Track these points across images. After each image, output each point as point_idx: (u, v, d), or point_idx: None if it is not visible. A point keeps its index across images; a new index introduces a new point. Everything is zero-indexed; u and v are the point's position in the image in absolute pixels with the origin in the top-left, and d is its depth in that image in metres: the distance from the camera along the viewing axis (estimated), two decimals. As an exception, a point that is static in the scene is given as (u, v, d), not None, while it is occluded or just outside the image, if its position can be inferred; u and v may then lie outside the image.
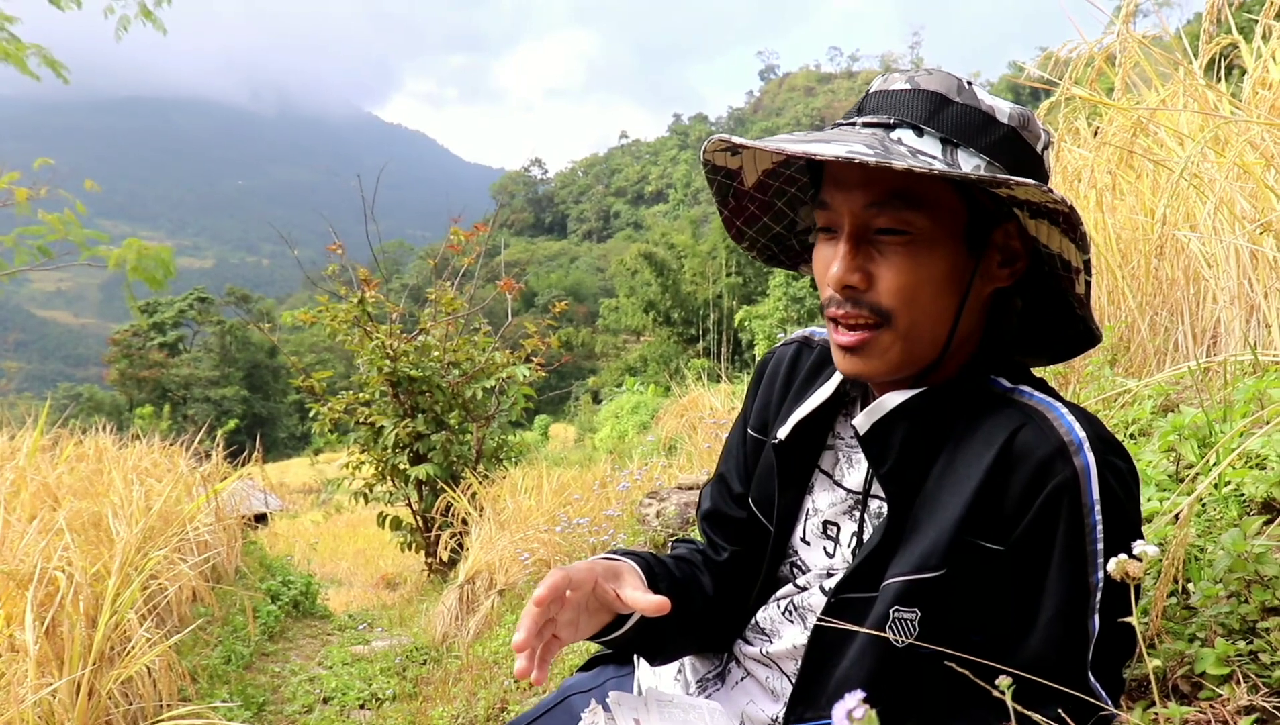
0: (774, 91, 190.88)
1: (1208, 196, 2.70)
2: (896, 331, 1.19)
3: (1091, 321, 1.25)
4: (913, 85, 1.19)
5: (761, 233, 1.44)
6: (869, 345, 1.20)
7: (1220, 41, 3.18)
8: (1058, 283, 1.24)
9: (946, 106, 1.17)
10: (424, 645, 5.96)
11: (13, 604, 3.38)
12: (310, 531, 18.14)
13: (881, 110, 1.19)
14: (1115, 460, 1.14)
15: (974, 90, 1.19)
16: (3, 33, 5.50)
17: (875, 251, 1.18)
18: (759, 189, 1.38)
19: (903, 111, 1.18)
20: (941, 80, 1.19)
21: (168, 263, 5.43)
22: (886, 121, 1.18)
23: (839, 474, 1.36)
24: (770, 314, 32.87)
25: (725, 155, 1.32)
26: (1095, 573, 1.11)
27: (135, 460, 7.14)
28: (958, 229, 1.18)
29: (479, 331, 9.73)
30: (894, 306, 1.18)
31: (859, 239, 1.19)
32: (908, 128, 1.17)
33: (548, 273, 77.66)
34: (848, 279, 1.18)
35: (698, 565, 1.48)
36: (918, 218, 1.16)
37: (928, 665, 1.15)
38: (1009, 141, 1.18)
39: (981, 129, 1.17)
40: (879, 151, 1.09)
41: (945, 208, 1.17)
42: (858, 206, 1.17)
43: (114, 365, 54.45)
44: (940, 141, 1.16)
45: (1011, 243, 1.22)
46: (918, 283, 1.17)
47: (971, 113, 1.17)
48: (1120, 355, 3.03)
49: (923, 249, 1.17)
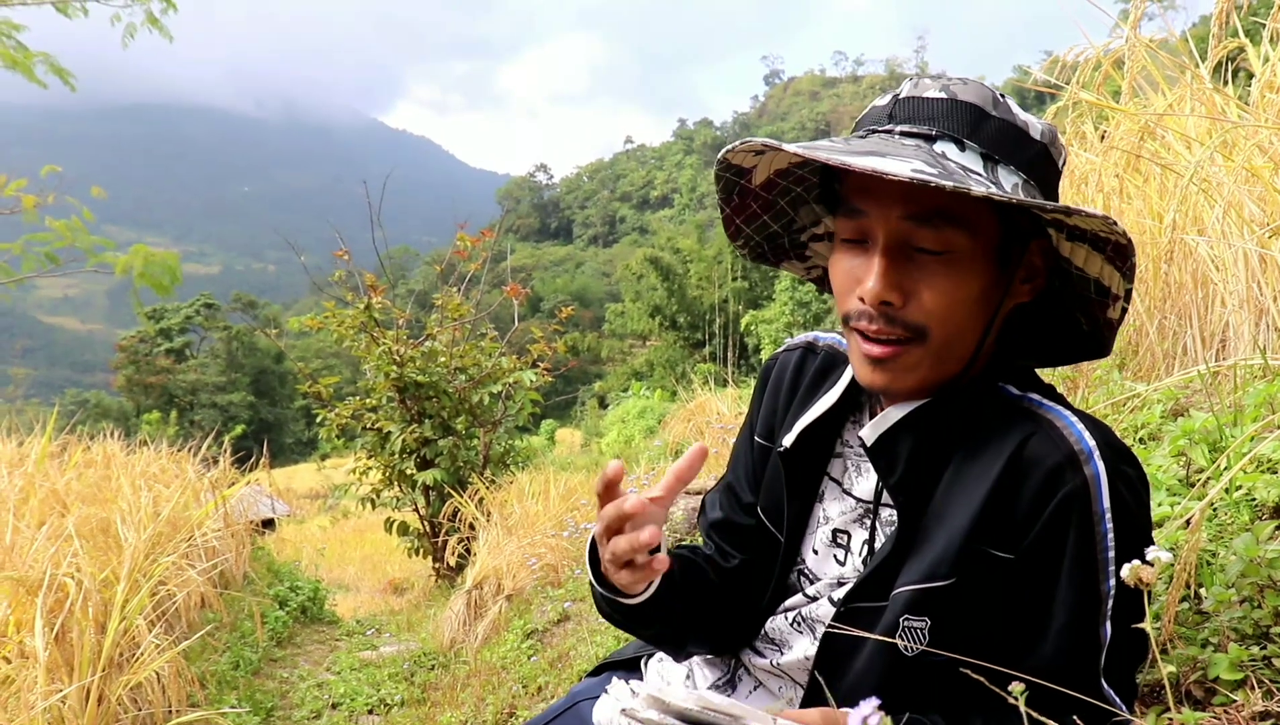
0: (779, 96, 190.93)
1: (1216, 200, 2.70)
2: (928, 348, 1.17)
3: (1111, 339, 1.24)
4: (949, 95, 1.16)
5: (758, 231, 1.42)
6: (898, 359, 1.18)
7: (1228, 45, 3.17)
8: (1085, 303, 1.23)
9: (985, 121, 1.15)
10: (432, 650, 5.95)
11: (23, 610, 3.39)
12: (317, 537, 18.17)
13: (918, 119, 1.16)
14: (1125, 468, 1.14)
15: (1008, 104, 1.17)
16: (10, 40, 5.51)
17: (913, 267, 1.15)
18: (765, 187, 1.35)
19: (943, 123, 1.15)
20: (977, 91, 1.17)
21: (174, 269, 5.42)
22: (928, 133, 1.15)
23: (848, 482, 1.35)
24: (776, 318, 32.89)
25: (746, 155, 1.28)
26: (1106, 580, 1.10)
27: (143, 466, 7.15)
28: (992, 247, 1.16)
29: (485, 337, 9.73)
30: (930, 324, 1.16)
31: (896, 255, 1.15)
32: (949, 141, 1.14)
33: (554, 278, 77.77)
34: (886, 295, 1.15)
35: (702, 566, 1.47)
36: (958, 236, 1.14)
37: (937, 674, 1.15)
38: (1041, 159, 1.18)
39: (1018, 145, 1.16)
40: (940, 172, 1.07)
41: (983, 225, 1.15)
42: (895, 218, 1.14)
43: (121, 371, 54.61)
44: (981, 157, 1.14)
45: (1034, 260, 1.21)
46: (956, 302, 1.16)
47: (1009, 128, 1.16)
48: (1129, 359, 3.02)
49: (961, 267, 1.15)
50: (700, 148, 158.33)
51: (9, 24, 5.54)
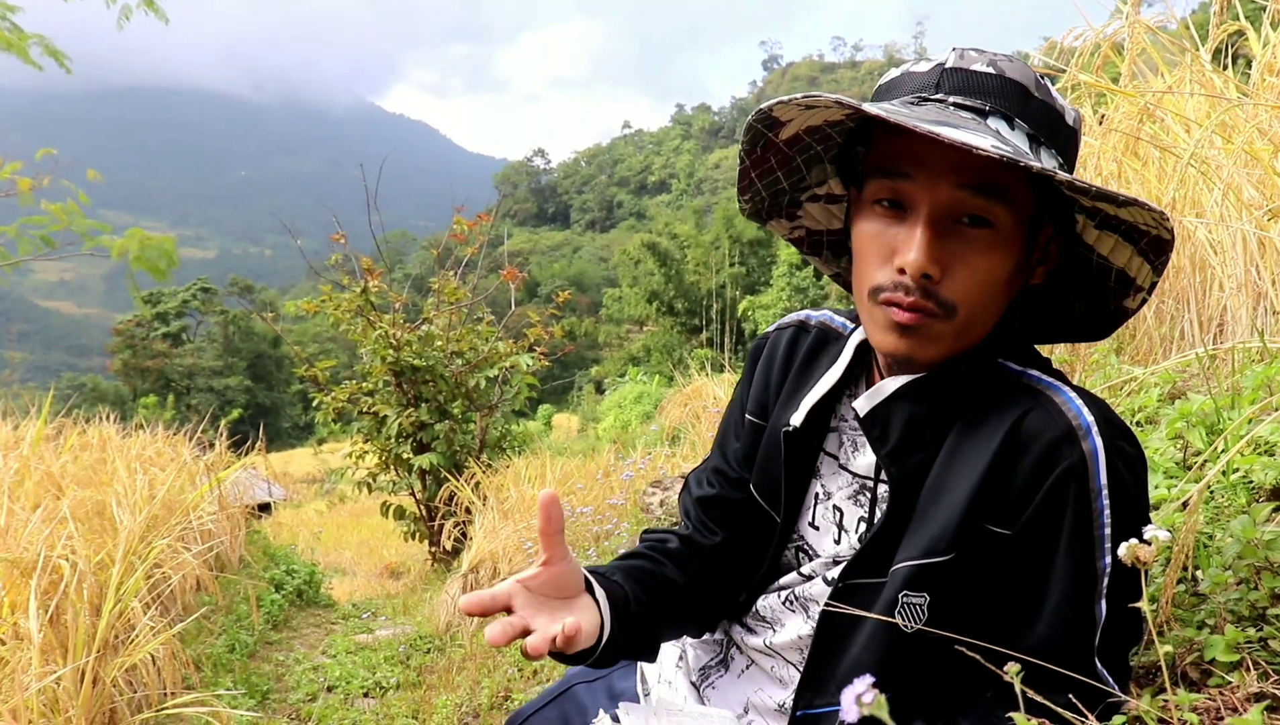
0: (777, 82, 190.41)
1: (1215, 183, 2.69)
2: (954, 324, 1.16)
3: (1118, 324, 1.24)
4: (997, 71, 1.14)
5: (768, 186, 1.37)
6: (924, 329, 1.15)
7: (1228, 28, 3.16)
8: (1094, 290, 1.23)
9: (1030, 100, 1.14)
10: (428, 634, 5.96)
11: (17, 592, 3.38)
12: (314, 521, 18.19)
13: (969, 92, 1.14)
14: (1123, 445, 1.13)
15: (1048, 86, 1.17)
16: (5, 22, 5.47)
17: (954, 241, 1.13)
18: (789, 143, 1.30)
19: (995, 99, 1.13)
20: (1022, 71, 1.15)
21: (171, 253, 5.40)
22: (981, 108, 1.13)
23: (844, 457, 1.34)
24: (773, 304, 32.90)
25: (794, 108, 1.22)
26: (1102, 558, 1.10)
27: (139, 449, 7.14)
28: (1025, 226, 1.16)
29: (482, 321, 9.71)
30: (961, 302, 1.14)
31: (942, 227, 1.13)
32: (1001, 118, 1.13)
33: (551, 263, 77.70)
34: (928, 268, 1.12)
35: (659, 560, 1.43)
36: (1003, 211, 1.12)
37: (935, 652, 1.15)
38: (1072, 143, 1.18)
39: (1057, 128, 1.16)
40: (1014, 150, 1.05)
41: (1022, 205, 1.14)
42: (944, 187, 1.12)
43: (117, 355, 54.52)
44: (1028, 136, 1.13)
45: (1050, 244, 1.21)
46: (988, 281, 1.15)
47: (1050, 110, 1.16)
48: (1126, 343, 3.02)
49: (999, 245, 1.14)
50: (698, 133, 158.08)
51: (4, 5, 5.50)
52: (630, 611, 1.31)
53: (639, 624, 1.33)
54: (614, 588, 1.32)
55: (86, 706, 3.12)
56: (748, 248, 41.62)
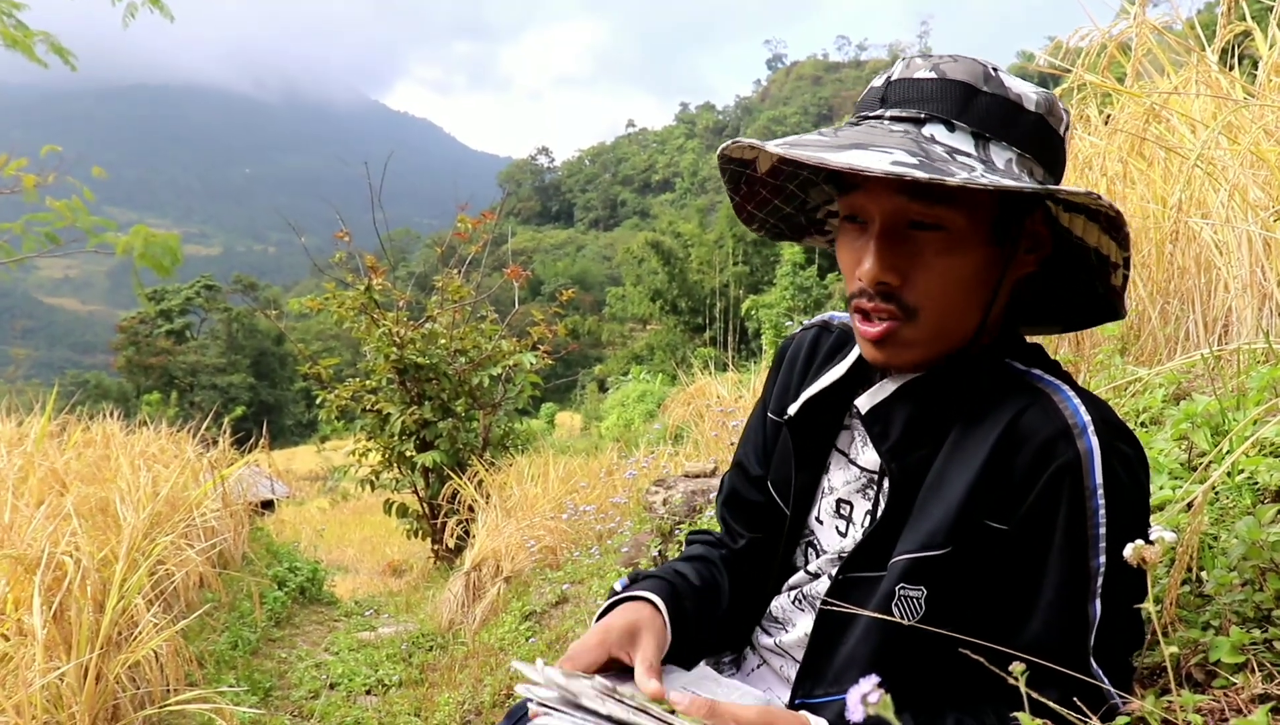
0: (781, 81, 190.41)
1: (1220, 184, 2.68)
2: (921, 327, 1.18)
3: (1121, 305, 1.23)
4: (938, 74, 1.15)
5: (771, 214, 1.43)
6: (894, 337, 1.19)
7: (1234, 29, 3.15)
8: (1088, 274, 1.23)
9: (975, 97, 1.14)
10: (430, 632, 5.96)
11: (21, 588, 3.39)
12: (317, 518, 18.19)
13: (908, 102, 1.16)
14: (1121, 445, 1.13)
15: (1000, 78, 1.16)
16: (10, 19, 5.48)
17: (908, 246, 1.16)
18: (772, 174, 1.36)
19: (932, 104, 1.14)
20: (968, 69, 1.15)
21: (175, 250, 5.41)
22: (916, 116, 1.14)
23: (854, 452, 1.36)
24: (777, 303, 32.87)
25: (743, 149, 1.29)
26: (1096, 557, 1.10)
27: (142, 446, 7.15)
28: (988, 223, 1.16)
29: (486, 319, 9.72)
30: (923, 305, 1.17)
31: (892, 235, 1.16)
32: (939, 123, 1.14)
33: (554, 261, 77.68)
34: (882, 276, 1.16)
35: (716, 565, 1.48)
36: (949, 214, 1.14)
37: (932, 649, 1.15)
38: (1037, 130, 1.17)
39: (1011, 119, 1.15)
40: (922, 159, 1.06)
41: (978, 203, 1.14)
42: (887, 199, 1.15)
43: (121, 352, 54.58)
44: (972, 136, 1.13)
45: (1038, 229, 1.20)
46: (950, 282, 1.16)
47: (1000, 103, 1.15)
48: (1131, 344, 3.01)
49: (954, 246, 1.15)
50: (702, 132, 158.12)
51: (10, 2, 5.51)
52: (685, 616, 1.36)
53: (690, 631, 1.36)
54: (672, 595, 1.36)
55: (90, 703, 3.12)
56: (751, 247, 41.63)
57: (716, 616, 1.43)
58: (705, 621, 1.39)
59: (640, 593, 1.34)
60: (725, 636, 1.47)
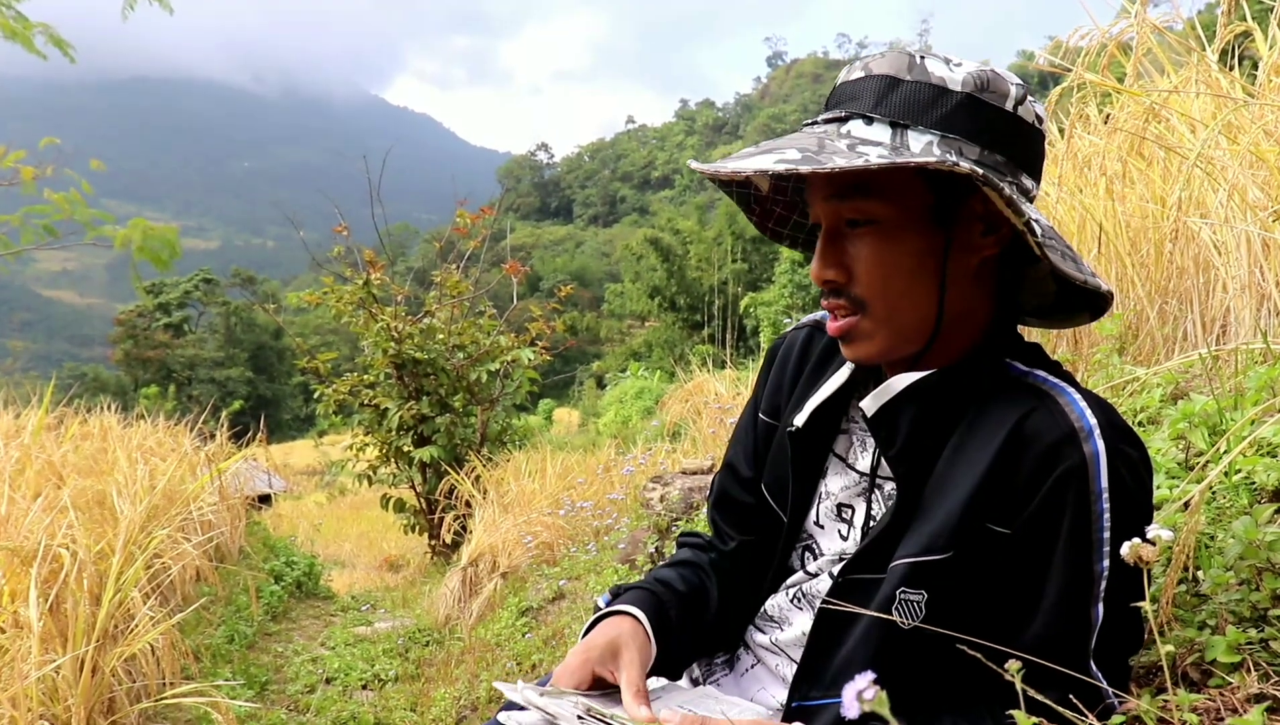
0: (781, 78, 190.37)
1: (1220, 184, 2.68)
2: (875, 318, 1.21)
3: (1075, 284, 1.20)
4: (865, 71, 1.19)
5: (795, 229, 1.45)
6: (852, 332, 1.23)
7: (1234, 29, 3.15)
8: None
9: (896, 88, 1.16)
10: (426, 627, 5.97)
11: (17, 581, 3.38)
12: (314, 513, 18.19)
13: (842, 102, 1.20)
14: (1127, 448, 1.13)
15: (925, 65, 1.16)
16: (9, 11, 5.46)
17: (847, 244, 1.20)
18: (778, 191, 1.40)
19: (854, 102, 1.18)
20: (892, 61, 1.17)
21: (173, 243, 5.39)
22: (839, 115, 1.18)
23: (851, 457, 1.35)
24: (775, 300, 32.84)
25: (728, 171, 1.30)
26: (1100, 561, 1.10)
27: (140, 439, 7.15)
28: (922, 209, 1.17)
29: (484, 315, 9.72)
30: (867, 296, 1.20)
31: (833, 234, 1.22)
32: (858, 118, 1.17)
33: (553, 257, 77.68)
34: (824, 274, 1.22)
35: (704, 569, 1.48)
36: (876, 206, 1.17)
37: (931, 650, 1.15)
38: (965, 109, 1.15)
39: (931, 104, 1.15)
40: (809, 153, 1.10)
41: (907, 192, 1.16)
42: (821, 202, 1.20)
43: (119, 345, 54.54)
44: (890, 126, 1.15)
45: (991, 208, 1.18)
46: (888, 270, 1.19)
47: (921, 89, 1.15)
48: (1129, 344, 3.01)
49: (889, 236, 1.18)
50: (702, 129, 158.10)
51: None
52: (670, 625, 1.37)
53: (675, 640, 1.38)
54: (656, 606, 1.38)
55: (86, 695, 3.12)
56: (750, 244, 41.60)
57: (704, 622, 1.42)
58: (691, 629, 1.40)
59: (622, 607, 1.34)
60: (715, 639, 1.46)
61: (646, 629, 1.31)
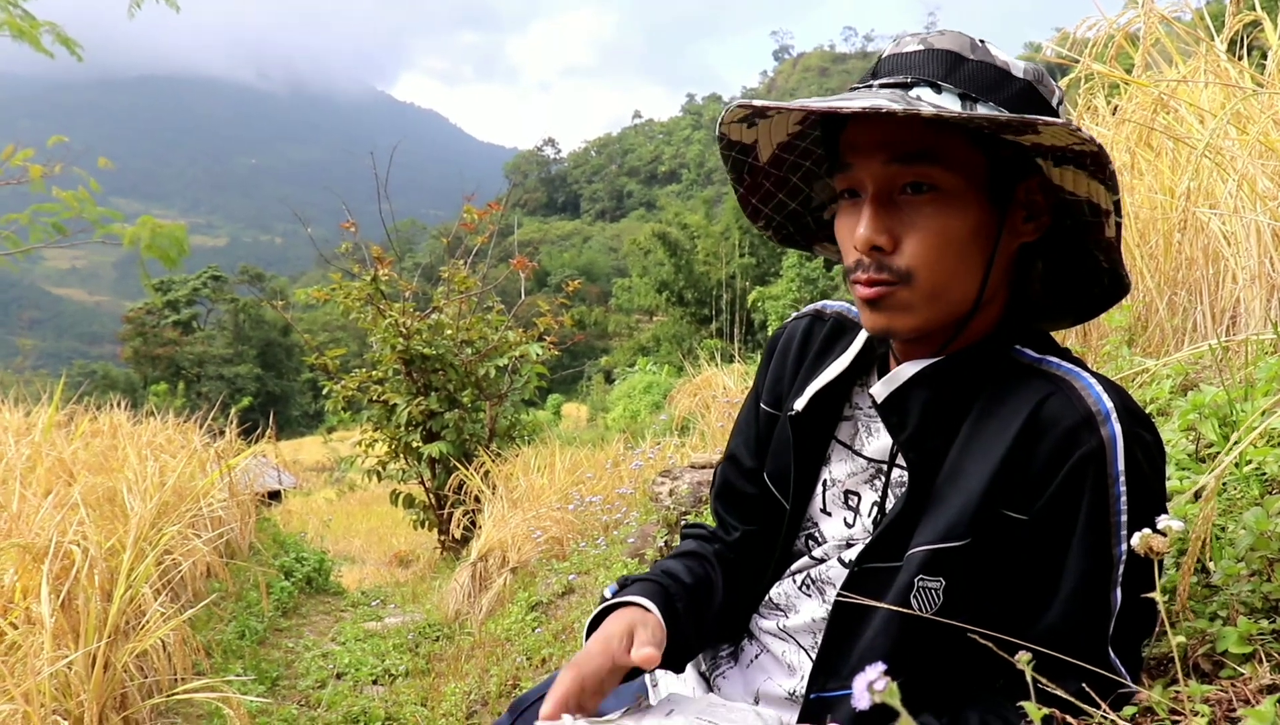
0: (788, 72, 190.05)
1: (1229, 174, 2.67)
2: (918, 290, 1.17)
3: (1121, 267, 1.23)
4: (926, 45, 1.18)
5: (777, 210, 1.42)
6: (888, 300, 1.18)
7: (1243, 18, 3.13)
8: (1085, 231, 1.22)
9: (962, 64, 1.16)
10: (437, 622, 5.98)
11: (29, 577, 3.40)
12: (323, 509, 18.23)
13: (897, 71, 1.18)
14: (1142, 432, 1.13)
15: (987, 48, 1.18)
16: (17, 9, 5.48)
17: (900, 211, 1.17)
18: (774, 164, 1.37)
19: (919, 70, 1.17)
20: (955, 39, 1.18)
21: (182, 241, 5.41)
22: (904, 81, 1.16)
23: (858, 444, 1.35)
24: (783, 295, 32.82)
25: (741, 128, 1.30)
26: (1119, 544, 1.10)
27: (149, 436, 7.18)
28: (981, 184, 1.17)
29: (492, 310, 9.72)
30: (915, 266, 1.16)
31: (883, 200, 1.17)
32: (925, 85, 1.15)
33: (561, 252, 77.66)
34: (875, 240, 1.16)
35: (709, 560, 1.47)
36: (940, 173, 1.14)
37: (950, 636, 1.15)
38: (1025, 96, 1.17)
39: (998, 84, 1.16)
40: (902, 105, 1.08)
41: (967, 163, 1.15)
42: (878, 165, 1.16)
43: (128, 343, 54.66)
44: (959, 96, 1.14)
45: (1035, 197, 1.20)
46: (943, 243, 1.16)
47: (987, 69, 1.16)
48: (1138, 335, 3.00)
49: (947, 207, 1.15)
50: (709, 123, 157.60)
51: (15, -8, 5.50)
52: (678, 617, 1.35)
53: (683, 631, 1.36)
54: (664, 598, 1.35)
55: (98, 691, 3.13)
56: (758, 238, 41.51)
57: (710, 613, 1.42)
58: (698, 620, 1.39)
59: (631, 598, 1.34)
60: (721, 629, 1.46)
61: (658, 618, 1.31)
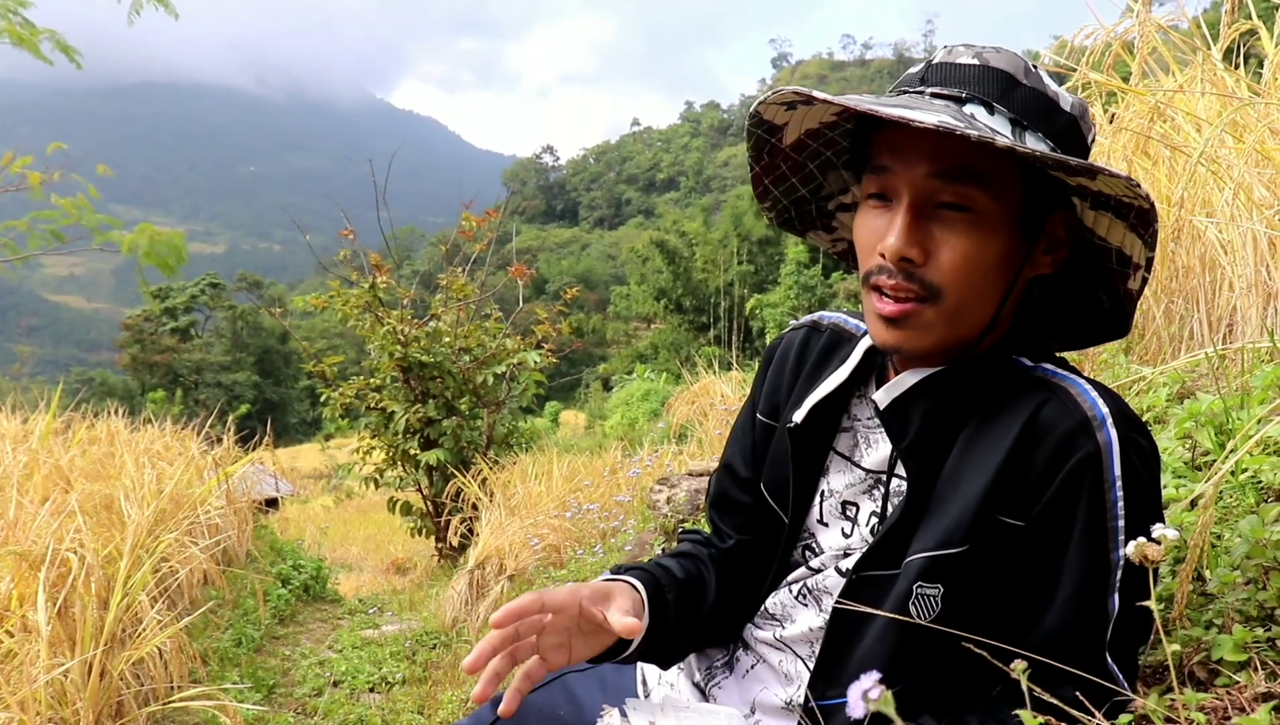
0: (786, 79, 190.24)
1: (1225, 182, 2.67)
2: (942, 309, 1.17)
3: (1130, 314, 1.24)
4: (981, 61, 1.17)
5: (786, 194, 1.41)
6: (912, 318, 1.17)
7: (1239, 27, 3.14)
8: (1107, 276, 1.23)
9: (1016, 87, 1.16)
10: (434, 630, 5.97)
11: (25, 585, 3.39)
12: (321, 516, 18.22)
13: (949, 83, 1.17)
14: (1138, 437, 1.13)
15: (1040, 74, 1.18)
16: (16, 17, 5.49)
17: (934, 226, 1.16)
18: (796, 148, 1.35)
19: (973, 87, 1.16)
20: (1009, 60, 1.17)
21: (180, 248, 5.42)
22: (957, 95, 1.15)
23: (857, 455, 1.35)
24: (781, 302, 32.87)
25: (779, 110, 1.28)
26: (1116, 550, 1.10)
27: (147, 444, 7.16)
28: (1015, 213, 1.16)
29: (490, 317, 9.74)
30: (946, 284, 1.16)
31: (919, 210, 1.16)
32: (979, 104, 1.15)
33: (559, 260, 77.72)
34: (906, 251, 1.15)
35: (703, 562, 1.47)
36: (981, 196, 1.14)
37: (949, 643, 1.15)
38: (1070, 130, 1.18)
39: (1047, 114, 1.16)
40: (967, 126, 1.07)
41: (1007, 189, 1.15)
42: (920, 176, 1.15)
43: (126, 350, 54.69)
44: (1010, 122, 1.14)
45: (1058, 231, 1.21)
46: (974, 264, 1.15)
47: (1039, 97, 1.16)
48: (1135, 343, 3.01)
49: (982, 229, 1.15)
50: (707, 130, 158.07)
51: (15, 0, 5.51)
52: (666, 606, 1.35)
53: (670, 623, 1.36)
54: (654, 585, 1.35)
55: (94, 699, 3.12)
56: (756, 246, 41.61)
57: (700, 612, 1.41)
58: (687, 616, 1.38)
59: (619, 577, 1.34)
60: (712, 633, 1.45)
61: (642, 598, 1.31)
